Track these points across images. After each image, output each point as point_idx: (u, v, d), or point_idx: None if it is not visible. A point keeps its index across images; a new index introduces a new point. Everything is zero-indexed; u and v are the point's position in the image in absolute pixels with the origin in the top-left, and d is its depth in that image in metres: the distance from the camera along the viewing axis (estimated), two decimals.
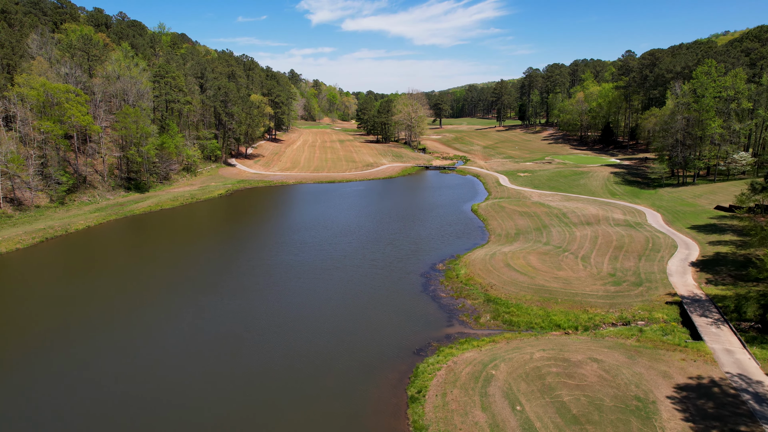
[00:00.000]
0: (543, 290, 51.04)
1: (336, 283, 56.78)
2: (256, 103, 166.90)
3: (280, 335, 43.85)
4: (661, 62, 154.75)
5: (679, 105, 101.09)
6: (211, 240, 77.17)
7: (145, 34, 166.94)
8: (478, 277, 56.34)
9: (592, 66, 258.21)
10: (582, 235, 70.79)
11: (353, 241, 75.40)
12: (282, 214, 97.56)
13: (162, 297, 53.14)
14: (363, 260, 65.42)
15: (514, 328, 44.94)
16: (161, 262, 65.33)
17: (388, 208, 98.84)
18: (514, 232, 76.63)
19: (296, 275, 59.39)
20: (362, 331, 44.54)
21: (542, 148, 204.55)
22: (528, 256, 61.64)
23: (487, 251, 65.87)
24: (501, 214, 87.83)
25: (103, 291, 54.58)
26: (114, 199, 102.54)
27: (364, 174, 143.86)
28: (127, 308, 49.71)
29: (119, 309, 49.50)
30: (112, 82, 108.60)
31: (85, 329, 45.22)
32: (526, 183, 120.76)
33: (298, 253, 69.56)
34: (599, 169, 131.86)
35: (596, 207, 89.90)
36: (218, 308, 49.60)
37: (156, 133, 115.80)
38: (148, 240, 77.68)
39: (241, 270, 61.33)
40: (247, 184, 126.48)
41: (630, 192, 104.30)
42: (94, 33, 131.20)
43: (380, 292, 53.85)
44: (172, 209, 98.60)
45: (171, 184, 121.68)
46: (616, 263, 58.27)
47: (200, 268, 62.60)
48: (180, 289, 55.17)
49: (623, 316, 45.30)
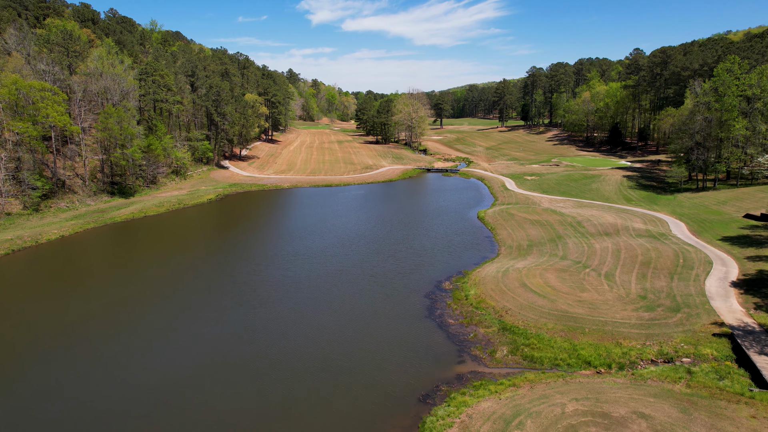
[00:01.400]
0: (566, 317, 44.41)
1: (330, 304, 50.15)
2: (250, 102, 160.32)
3: (256, 373, 37.20)
4: (673, 60, 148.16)
5: (699, 104, 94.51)
6: (194, 252, 70.50)
7: (135, 30, 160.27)
8: (490, 300, 49.71)
9: (598, 65, 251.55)
10: (602, 247, 64.16)
11: (351, 252, 68.80)
12: (274, 221, 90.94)
13: (131, 321, 46.48)
14: (361, 275, 58.80)
15: (536, 365, 38.29)
16: (136, 279, 58.63)
17: (388, 215, 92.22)
18: (527, 243, 69.98)
19: (285, 295, 52.73)
20: (358, 370, 37.90)
21: (547, 149, 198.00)
22: (545, 274, 55.00)
23: (498, 267, 59.23)
24: (510, 223, 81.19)
25: (71, 312, 47.94)
26: (95, 205, 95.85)
27: (363, 177, 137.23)
28: (93, 332, 43.09)
29: (85, 333, 42.89)
30: (94, 80, 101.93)
31: (43, 357, 38.57)
32: (534, 187, 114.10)
33: (290, 267, 62.97)
34: (610, 173, 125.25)
35: (613, 215, 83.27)
36: (187, 337, 42.97)
37: (142, 134, 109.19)
38: (125, 252, 70.98)
39: (222, 288, 54.68)
40: (239, 188, 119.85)
41: (646, 197, 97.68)
42: (79, 29, 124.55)
43: (380, 318, 47.21)
44: (157, 216, 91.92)
45: (159, 188, 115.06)
46: (645, 282, 51.65)
47: (176, 286, 55.94)
48: (151, 312, 48.54)
49: (664, 350, 38.66)
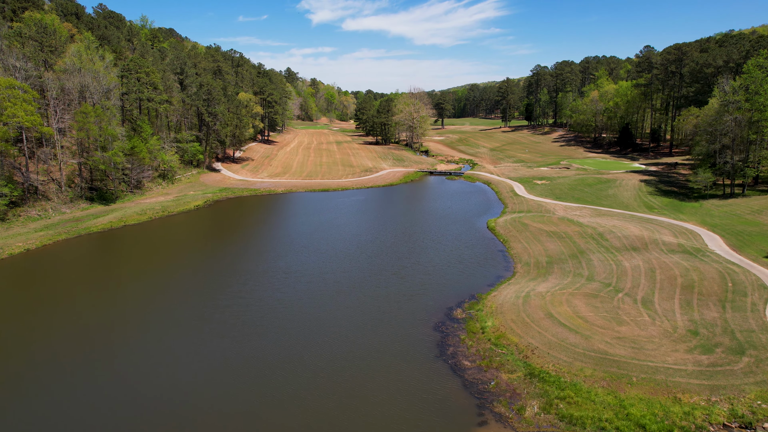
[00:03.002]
0: (606, 360, 36.81)
1: (323, 338, 42.54)
2: (244, 102, 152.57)
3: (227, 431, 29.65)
4: (689, 56, 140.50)
5: (728, 104, 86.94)
6: (174, 269, 62.77)
7: (122, 26, 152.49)
8: (511, 333, 42.11)
9: (605, 63, 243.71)
10: (633, 266, 56.55)
11: (350, 269, 61.21)
12: (266, 231, 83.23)
13: (89, 355, 38.84)
14: (362, 300, 51.19)
15: (576, 428, 30.72)
16: (101, 304, 50.83)
17: (391, 224, 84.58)
18: (546, 260, 62.36)
19: (273, 326, 45.09)
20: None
21: (554, 150, 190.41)
22: (573, 301, 47.40)
23: (516, 290, 51.62)
24: (524, 235, 73.57)
25: (27, 340, 40.26)
26: (70, 213, 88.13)
27: (363, 181, 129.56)
28: (47, 364, 35.46)
29: (38, 365, 35.26)
30: (72, 77, 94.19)
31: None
32: (545, 193, 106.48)
33: (280, 287, 55.43)
34: (626, 177, 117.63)
35: (637, 225, 75.64)
36: (156, 377, 35.33)
37: (124, 135, 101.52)
38: (95, 270, 63.14)
39: (202, 316, 47.01)
40: (229, 192, 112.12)
41: (669, 205, 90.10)
42: (59, 23, 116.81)
43: (383, 358, 39.56)
44: (137, 225, 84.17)
45: (143, 194, 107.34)
46: (692, 312, 44.06)
47: (150, 311, 48.26)
48: (116, 344, 40.89)
49: (737, 411, 31.10)
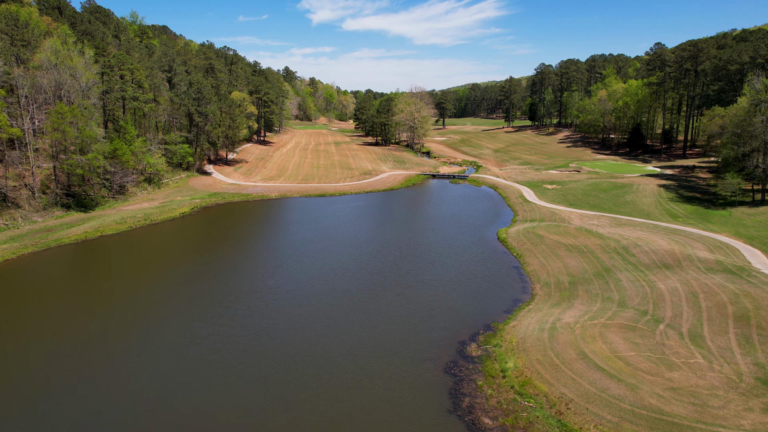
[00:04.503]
0: (663, 422, 29.56)
1: (312, 382, 35.29)
2: (237, 101, 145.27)
3: None
4: (705, 53, 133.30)
5: (759, 103, 79.75)
6: (148, 290, 55.38)
7: (110, 22, 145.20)
8: (538, 379, 34.93)
9: (613, 61, 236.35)
10: (669, 288, 49.34)
11: (348, 288, 54.02)
12: (254, 243, 75.91)
13: (31, 398, 31.58)
14: (359, 330, 43.94)
15: None
16: (57, 335, 43.53)
17: (392, 235, 77.34)
18: (568, 280, 55.18)
19: (254, 362, 37.79)
20: None
21: (561, 152, 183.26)
22: (607, 335, 40.19)
23: (539, 320, 44.42)
24: (540, 248, 66.35)
25: None
26: (43, 222, 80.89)
27: (361, 185, 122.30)
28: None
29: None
30: (47, 73, 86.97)
31: None
32: (557, 199, 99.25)
33: (267, 311, 48.33)
34: (642, 181, 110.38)
35: (665, 237, 68.39)
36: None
37: (105, 137, 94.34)
38: (58, 291, 55.70)
39: (174, 351, 39.74)
40: (219, 198, 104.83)
41: (695, 213, 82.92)
42: (38, 16, 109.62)
43: (383, 417, 32.33)
44: (115, 236, 76.88)
45: (127, 200, 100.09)
46: (754, 353, 36.82)
47: (113, 344, 40.93)
48: (60, 390, 33.63)
49: None
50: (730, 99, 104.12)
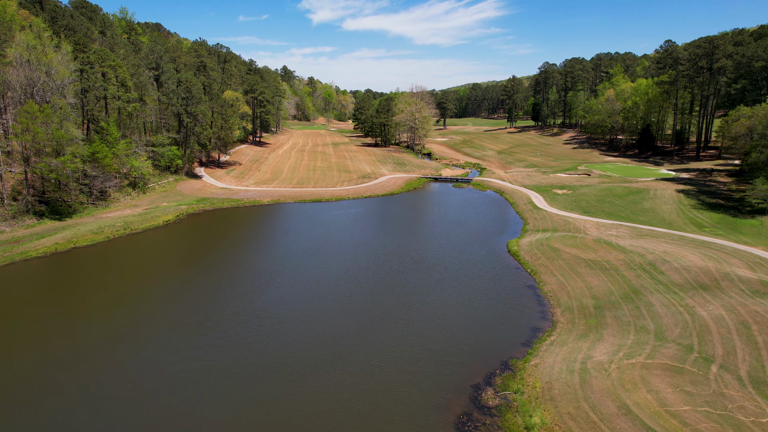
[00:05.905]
0: None
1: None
2: (229, 101, 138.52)
3: None
4: (721, 50, 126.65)
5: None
6: (118, 315, 48.48)
7: (96, 17, 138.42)
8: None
9: (620, 60, 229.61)
10: (713, 317, 42.65)
11: (345, 312, 47.42)
12: (241, 257, 69.01)
13: None
14: (355, 370, 37.19)
15: None
16: (11, 368, 36.85)
17: (393, 246, 70.57)
18: (592, 303, 48.49)
19: (226, 412, 31.10)
20: None
21: (567, 153, 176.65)
22: (650, 379, 33.51)
23: (566, 357, 37.73)
24: (557, 264, 59.65)
25: None
26: (11, 232, 74.14)
27: (360, 189, 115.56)
28: None
29: None
30: (18, 70, 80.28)
31: None
32: (570, 205, 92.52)
33: (249, 341, 41.76)
34: (658, 186, 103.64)
35: (695, 251, 61.67)
36: None
37: (83, 139, 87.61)
38: (15, 315, 48.93)
39: (138, 393, 32.96)
40: (207, 204, 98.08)
41: (722, 222, 76.24)
42: (15, 10, 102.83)
43: None
44: (90, 247, 70.11)
45: (108, 206, 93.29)
46: None
47: (69, 384, 34.19)
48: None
49: None
50: (755, 98, 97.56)
